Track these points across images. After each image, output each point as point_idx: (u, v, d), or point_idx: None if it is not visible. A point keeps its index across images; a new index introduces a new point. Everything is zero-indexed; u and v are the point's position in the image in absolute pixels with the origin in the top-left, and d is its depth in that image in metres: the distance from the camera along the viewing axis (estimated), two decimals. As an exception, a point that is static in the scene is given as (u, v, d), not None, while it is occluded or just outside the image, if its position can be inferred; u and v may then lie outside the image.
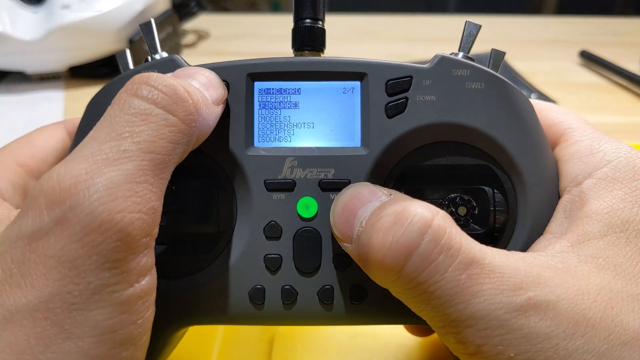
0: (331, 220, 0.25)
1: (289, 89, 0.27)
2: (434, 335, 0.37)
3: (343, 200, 0.25)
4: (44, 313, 0.20)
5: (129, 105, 0.22)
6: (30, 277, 0.20)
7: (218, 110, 0.25)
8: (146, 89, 0.22)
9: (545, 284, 0.22)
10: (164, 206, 0.27)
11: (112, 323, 0.20)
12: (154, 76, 0.23)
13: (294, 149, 0.27)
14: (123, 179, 0.20)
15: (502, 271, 0.22)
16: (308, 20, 0.28)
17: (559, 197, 0.27)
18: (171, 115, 0.22)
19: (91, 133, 0.22)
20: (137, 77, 0.23)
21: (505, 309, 0.21)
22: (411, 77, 0.27)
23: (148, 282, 0.21)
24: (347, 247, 0.24)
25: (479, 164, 0.27)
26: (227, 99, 0.27)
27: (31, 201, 0.21)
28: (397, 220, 0.22)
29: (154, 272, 0.22)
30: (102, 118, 0.22)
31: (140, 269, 0.21)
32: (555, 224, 0.26)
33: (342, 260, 0.27)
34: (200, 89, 0.24)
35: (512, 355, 0.21)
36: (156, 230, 0.22)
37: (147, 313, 0.22)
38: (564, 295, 0.21)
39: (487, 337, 0.21)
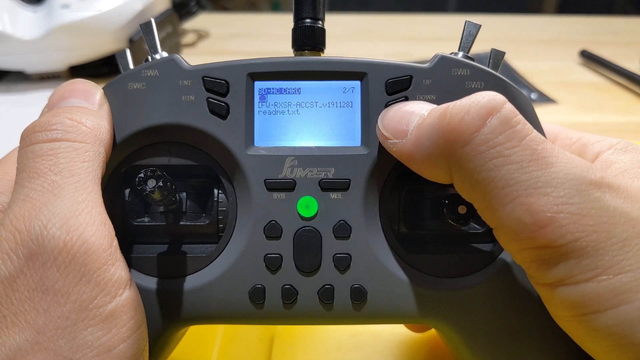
0: (379, 124, 0.26)
1: (289, 89, 0.27)
2: (433, 333, 0.37)
3: (395, 106, 0.26)
4: (43, 344, 0.21)
5: (32, 153, 0.23)
6: (23, 314, 0.21)
7: (104, 109, 0.26)
8: (38, 135, 0.23)
9: (609, 175, 0.22)
10: (164, 206, 0.27)
11: (105, 340, 0.21)
12: (37, 124, 0.24)
13: (294, 148, 0.27)
14: (65, 204, 0.22)
15: (571, 155, 0.22)
16: (308, 20, 0.28)
17: None
18: (70, 141, 0.24)
19: (14, 185, 0.23)
20: (23, 132, 0.24)
21: (581, 181, 0.21)
22: (411, 76, 0.27)
23: (128, 296, 0.22)
24: (394, 144, 0.25)
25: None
26: (226, 100, 0.27)
27: None
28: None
29: (134, 287, 0.23)
30: (17, 172, 0.23)
31: (116, 281, 0.22)
32: None
33: (343, 259, 0.27)
34: (81, 104, 0.26)
35: (590, 224, 0.20)
36: (116, 242, 0.23)
37: (138, 330, 0.23)
38: (630, 185, 0.22)
39: (564, 205, 0.20)
